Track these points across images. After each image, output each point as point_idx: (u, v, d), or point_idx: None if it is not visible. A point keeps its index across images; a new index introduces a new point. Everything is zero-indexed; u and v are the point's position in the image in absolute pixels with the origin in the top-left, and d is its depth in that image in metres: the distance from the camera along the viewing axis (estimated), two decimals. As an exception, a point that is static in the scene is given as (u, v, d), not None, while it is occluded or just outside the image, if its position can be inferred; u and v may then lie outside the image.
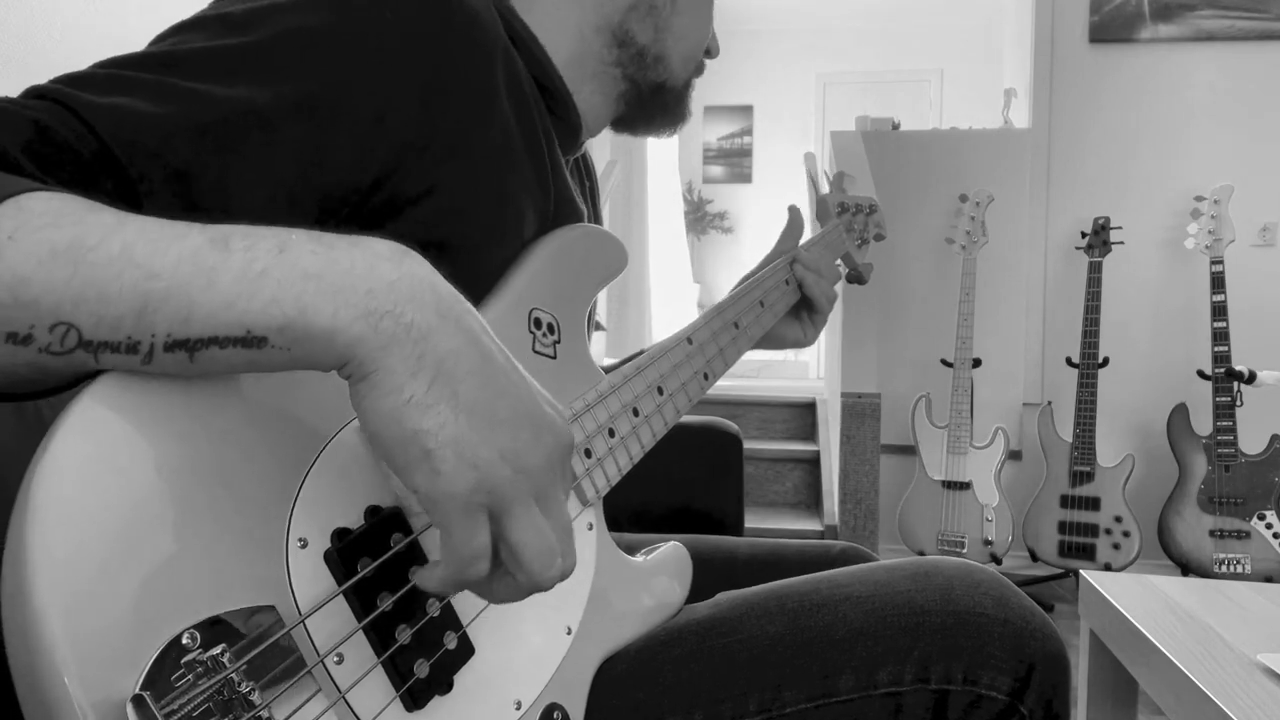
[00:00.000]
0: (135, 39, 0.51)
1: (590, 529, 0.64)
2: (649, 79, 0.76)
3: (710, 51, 0.81)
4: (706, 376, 0.78)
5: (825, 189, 1.15)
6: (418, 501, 0.40)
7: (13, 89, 0.46)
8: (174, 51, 0.49)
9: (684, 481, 1.29)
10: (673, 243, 4.83)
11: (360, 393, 0.39)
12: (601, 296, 0.77)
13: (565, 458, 0.44)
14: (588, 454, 0.63)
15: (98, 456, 0.37)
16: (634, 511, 0.91)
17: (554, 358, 0.63)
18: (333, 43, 0.52)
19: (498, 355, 0.42)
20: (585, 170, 0.85)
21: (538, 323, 0.62)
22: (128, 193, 0.45)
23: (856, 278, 1.10)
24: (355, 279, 0.39)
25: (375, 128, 0.53)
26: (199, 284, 0.37)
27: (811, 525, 2.87)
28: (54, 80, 0.46)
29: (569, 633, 0.59)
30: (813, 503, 3.14)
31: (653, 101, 0.78)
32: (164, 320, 0.37)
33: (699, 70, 0.81)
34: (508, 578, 0.43)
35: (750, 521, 2.82)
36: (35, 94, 0.45)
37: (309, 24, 0.51)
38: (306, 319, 0.38)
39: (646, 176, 4.37)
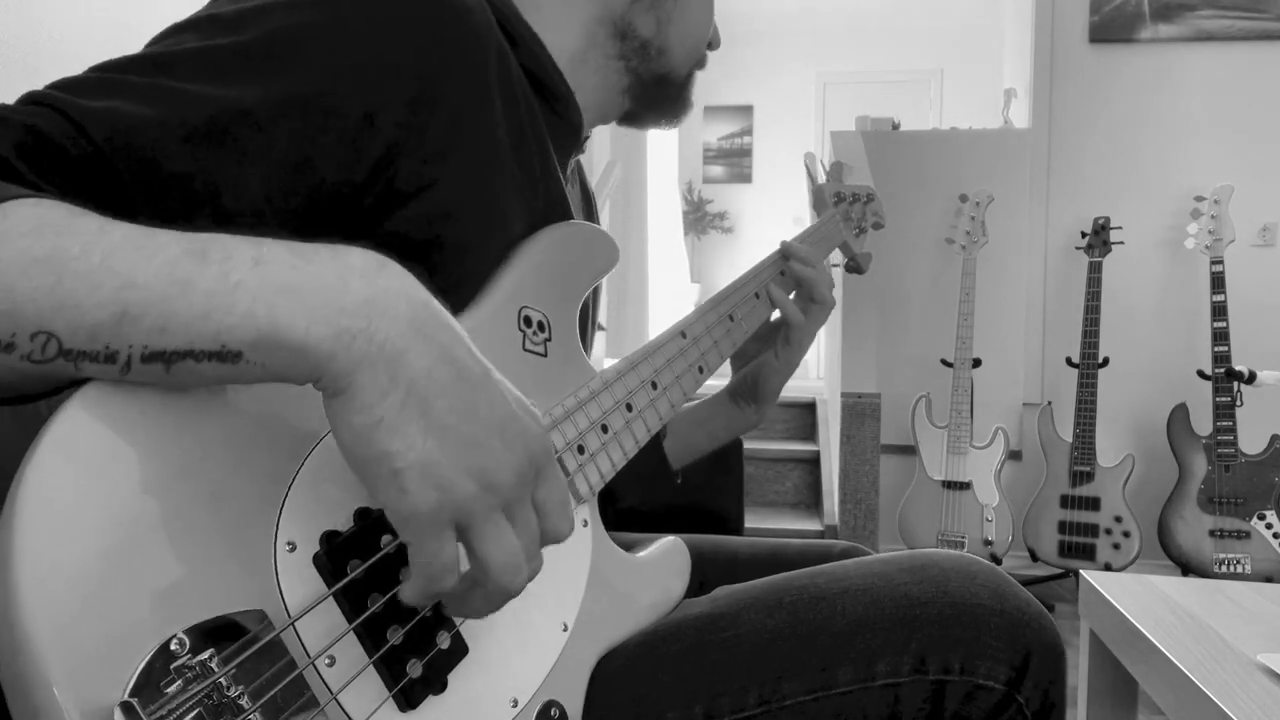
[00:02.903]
0: (135, 39, 0.51)
1: (585, 525, 0.64)
2: (652, 71, 0.77)
3: (712, 44, 0.82)
4: (701, 370, 0.77)
5: (822, 179, 1.14)
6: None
7: (13, 89, 0.46)
8: (166, 53, 0.49)
9: (684, 481, 1.28)
10: (671, 242, 4.83)
11: (332, 408, 0.39)
12: (601, 296, 0.77)
13: (538, 466, 0.45)
14: (580, 450, 0.63)
15: (83, 463, 0.36)
16: (633, 511, 0.91)
17: (544, 355, 0.62)
18: (322, 42, 0.52)
19: (473, 369, 0.42)
20: (583, 191, 0.85)
21: (528, 321, 0.62)
22: (120, 194, 0.45)
23: (855, 267, 1.09)
24: (329, 295, 0.39)
25: (365, 127, 0.53)
26: (174, 295, 0.37)
27: (811, 525, 2.87)
28: (49, 86, 0.47)
29: (565, 629, 0.59)
30: (813, 503, 3.14)
31: (656, 93, 0.79)
32: (141, 331, 0.37)
33: (701, 63, 0.81)
34: (479, 588, 0.43)
35: (750, 521, 2.81)
36: (31, 100, 0.45)
37: (298, 23, 0.52)
38: (279, 334, 0.38)
39: (646, 176, 4.37)
